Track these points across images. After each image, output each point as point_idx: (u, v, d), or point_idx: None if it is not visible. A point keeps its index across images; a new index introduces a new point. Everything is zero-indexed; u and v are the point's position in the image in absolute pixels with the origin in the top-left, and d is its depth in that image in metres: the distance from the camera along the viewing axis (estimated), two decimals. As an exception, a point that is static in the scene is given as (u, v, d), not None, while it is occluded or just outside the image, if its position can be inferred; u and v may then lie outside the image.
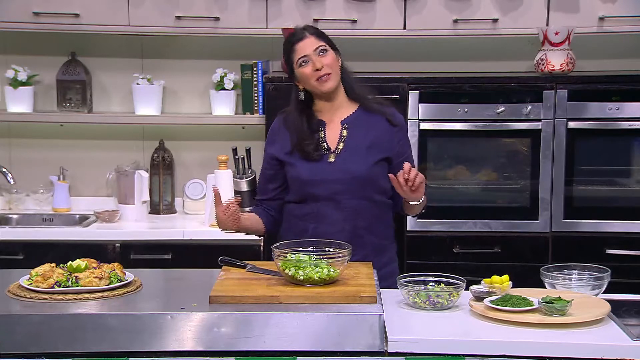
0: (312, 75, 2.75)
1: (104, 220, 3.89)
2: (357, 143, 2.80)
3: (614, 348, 2.18)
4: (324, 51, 2.76)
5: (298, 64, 2.77)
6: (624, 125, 3.69)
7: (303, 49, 2.75)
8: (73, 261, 2.47)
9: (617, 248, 3.69)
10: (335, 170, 2.77)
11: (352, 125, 2.82)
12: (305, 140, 2.78)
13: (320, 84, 2.76)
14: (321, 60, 2.75)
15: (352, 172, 2.77)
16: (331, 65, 2.76)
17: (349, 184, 2.76)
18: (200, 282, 2.53)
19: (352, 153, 2.78)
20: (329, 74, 2.75)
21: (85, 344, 2.21)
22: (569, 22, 3.80)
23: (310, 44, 2.75)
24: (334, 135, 2.81)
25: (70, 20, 3.87)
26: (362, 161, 2.78)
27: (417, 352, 2.20)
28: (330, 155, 2.79)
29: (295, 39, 2.78)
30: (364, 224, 2.79)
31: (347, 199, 2.76)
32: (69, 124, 4.17)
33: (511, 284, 2.51)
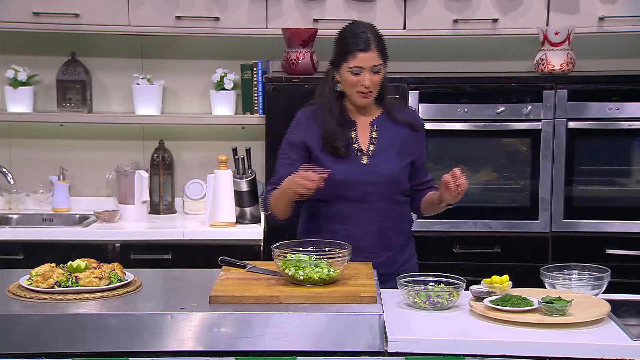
0: (356, 86, 2.75)
1: (104, 220, 3.89)
2: (387, 145, 2.81)
3: (614, 348, 2.18)
4: (377, 72, 2.75)
5: (349, 68, 2.74)
6: (624, 125, 3.69)
7: (362, 61, 2.72)
8: (73, 261, 2.48)
9: (617, 248, 3.69)
10: (368, 172, 2.78)
11: (380, 127, 2.84)
12: (335, 134, 2.77)
13: (359, 98, 2.78)
14: (372, 79, 2.74)
15: (384, 174, 2.79)
16: (377, 84, 2.77)
17: (381, 186, 2.78)
18: (200, 282, 2.53)
19: (383, 155, 2.80)
20: (371, 92, 2.77)
21: (85, 344, 2.21)
22: (569, 22, 3.81)
23: (370, 59, 2.72)
24: (364, 136, 2.83)
25: (70, 20, 3.87)
26: (394, 164, 2.80)
27: (417, 352, 2.20)
28: (363, 156, 2.80)
29: (359, 48, 2.72)
30: (390, 224, 2.82)
31: (375, 200, 2.79)
32: (69, 124, 4.17)
33: (511, 284, 2.51)
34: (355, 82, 2.75)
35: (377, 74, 2.75)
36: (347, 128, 2.81)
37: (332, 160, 2.77)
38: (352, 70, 2.74)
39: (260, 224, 3.85)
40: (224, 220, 3.78)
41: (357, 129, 2.83)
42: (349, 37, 2.76)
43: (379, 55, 2.74)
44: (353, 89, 2.77)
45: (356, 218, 2.79)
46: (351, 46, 2.73)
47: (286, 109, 3.75)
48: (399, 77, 3.74)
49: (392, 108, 2.87)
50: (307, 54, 3.83)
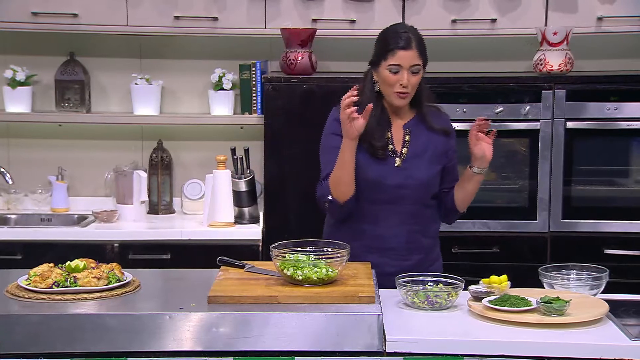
0: (394, 86, 2.74)
1: (103, 220, 3.89)
2: (419, 149, 2.81)
3: (612, 348, 2.18)
4: (416, 72, 2.74)
5: (388, 67, 2.73)
6: (623, 125, 3.69)
7: (401, 59, 2.72)
8: (71, 261, 2.47)
9: (616, 248, 3.69)
10: (402, 175, 2.78)
11: (413, 130, 2.83)
12: (375, 134, 2.77)
13: (396, 99, 2.77)
14: (410, 80, 2.73)
15: (416, 178, 2.79)
16: (415, 85, 2.77)
17: (412, 190, 2.78)
18: (199, 282, 2.53)
19: (416, 159, 2.80)
20: (408, 93, 2.76)
21: (84, 344, 2.21)
22: (567, 22, 3.81)
23: (410, 57, 2.72)
24: (398, 138, 2.82)
25: (69, 20, 3.87)
26: (426, 169, 2.81)
27: (415, 352, 2.20)
28: (397, 159, 2.80)
29: (399, 45, 2.72)
30: (418, 227, 2.82)
31: (406, 203, 2.79)
32: (68, 124, 4.17)
33: (509, 284, 2.51)
34: (393, 81, 2.74)
35: (415, 74, 2.74)
36: (385, 129, 2.81)
37: (367, 160, 2.77)
38: (391, 68, 2.73)
39: (258, 224, 3.85)
40: (222, 220, 3.78)
41: (392, 131, 2.83)
42: (390, 36, 2.76)
43: (419, 56, 2.74)
44: (391, 89, 2.75)
45: (385, 220, 2.79)
46: (391, 44, 2.73)
47: (285, 109, 3.77)
48: (397, 77, 3.74)
49: (427, 112, 2.85)
50: (305, 54, 3.83)
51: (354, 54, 4.07)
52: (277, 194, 3.77)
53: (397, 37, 2.74)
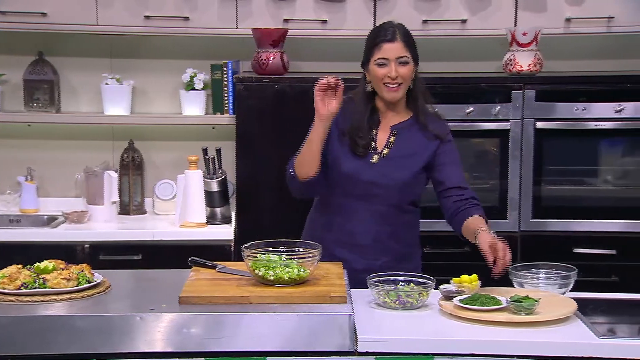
0: (383, 79, 2.76)
1: (73, 221, 3.86)
2: (401, 152, 2.81)
3: (580, 346, 2.21)
4: (405, 63, 2.75)
5: (375, 62, 2.76)
6: (591, 125, 3.73)
7: (387, 52, 2.74)
8: (40, 262, 2.45)
9: (585, 247, 3.73)
10: (375, 173, 2.79)
11: (400, 133, 2.84)
12: (360, 132, 2.78)
13: (387, 92, 2.78)
14: (398, 70, 2.74)
15: (390, 179, 2.79)
16: (405, 77, 2.77)
17: (384, 189, 2.78)
18: (171, 282, 2.52)
19: (395, 161, 2.80)
20: (400, 84, 2.76)
21: (53, 346, 2.19)
22: (536, 23, 3.84)
23: (396, 49, 2.74)
24: (383, 138, 2.83)
25: (38, 20, 3.83)
26: (402, 171, 2.80)
27: (386, 351, 2.21)
28: (374, 156, 2.80)
29: (385, 39, 2.75)
30: (389, 230, 2.82)
31: (378, 203, 2.79)
32: (37, 124, 4.13)
33: (480, 283, 2.53)
34: (382, 75, 2.75)
35: (404, 65, 2.75)
36: (372, 128, 2.82)
37: (346, 154, 2.78)
38: (378, 62, 2.75)
39: (230, 225, 3.84)
40: (194, 220, 3.77)
41: (378, 129, 2.84)
42: (377, 32, 2.81)
43: (405, 47, 2.75)
44: (380, 83, 2.77)
45: (356, 215, 2.81)
46: (377, 38, 2.77)
47: (257, 109, 3.76)
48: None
49: (422, 113, 2.84)
50: (277, 54, 3.83)
51: (325, 54, 4.09)
52: (249, 194, 3.76)
53: (383, 31, 2.78)
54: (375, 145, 2.82)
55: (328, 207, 2.86)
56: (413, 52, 2.79)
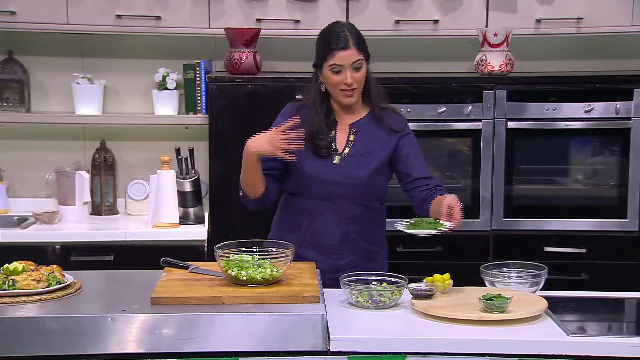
0: (339, 85, 2.76)
1: (44, 221, 3.82)
2: (362, 150, 2.82)
3: (551, 344, 2.23)
4: (359, 67, 2.76)
5: (330, 68, 2.75)
6: (561, 125, 3.77)
7: (341, 59, 2.74)
8: (10, 264, 2.42)
9: (555, 246, 3.76)
10: (338, 173, 2.79)
11: (359, 130, 2.84)
12: (320, 134, 2.78)
13: (344, 98, 2.79)
14: (354, 76, 2.75)
15: (353, 177, 2.79)
16: (360, 81, 2.78)
17: (349, 188, 2.78)
18: (143, 283, 2.50)
19: (356, 159, 2.80)
20: (355, 89, 2.77)
21: (23, 348, 2.17)
22: (507, 23, 3.87)
23: (350, 56, 2.74)
24: (342, 137, 2.83)
25: (7, 18, 3.79)
26: (365, 169, 2.81)
27: (359, 351, 2.22)
28: (336, 157, 2.80)
29: (337, 46, 2.73)
30: (356, 228, 2.82)
31: (344, 202, 2.79)
32: (7, 123, 4.08)
33: (452, 282, 2.55)
34: (337, 81, 2.76)
35: (358, 70, 2.76)
36: (330, 129, 2.82)
37: (307, 156, 2.77)
38: (332, 68, 2.75)
39: (204, 225, 3.82)
40: (167, 221, 3.75)
41: (337, 129, 2.84)
42: (329, 37, 2.78)
43: (358, 52, 2.75)
44: (336, 89, 2.78)
45: (321, 216, 2.80)
46: (330, 45, 2.75)
47: (229, 109, 3.75)
48: (342, 78, 3.76)
49: (379, 110, 2.86)
50: (250, 53, 3.82)
51: (298, 54, 4.08)
52: (222, 194, 3.75)
53: (335, 37, 2.76)
54: (336, 147, 2.82)
55: (293, 209, 2.85)
56: (365, 52, 2.79)
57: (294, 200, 2.86)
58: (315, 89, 2.84)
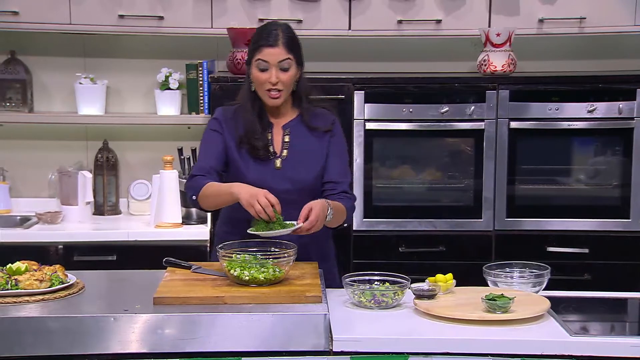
0: (264, 84, 2.71)
1: (46, 221, 3.82)
2: (300, 150, 2.77)
3: (553, 344, 2.23)
4: (286, 69, 2.69)
5: (256, 64, 2.70)
6: (564, 125, 3.76)
7: (267, 56, 2.68)
8: (13, 263, 2.43)
9: (557, 246, 3.76)
10: (283, 178, 2.73)
11: (293, 131, 2.79)
12: (255, 135, 2.73)
13: (268, 98, 2.73)
14: (279, 76, 2.69)
15: (299, 182, 2.73)
16: (286, 83, 2.72)
17: (296, 194, 2.69)
18: (145, 283, 2.51)
19: (297, 161, 2.75)
20: (280, 90, 2.71)
21: (25, 347, 2.18)
22: (510, 23, 3.87)
23: (277, 54, 2.68)
24: (277, 139, 2.79)
25: (10, 18, 3.79)
26: (308, 171, 2.76)
27: (361, 351, 2.22)
28: (277, 160, 2.76)
29: (266, 42, 2.68)
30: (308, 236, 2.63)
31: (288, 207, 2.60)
32: (9, 124, 4.09)
33: (455, 282, 2.54)
34: (263, 79, 2.70)
35: (285, 71, 2.70)
36: (265, 129, 2.77)
37: (247, 161, 2.73)
38: (258, 64, 2.69)
39: (206, 225, 3.82)
40: (169, 221, 3.75)
41: (272, 132, 2.79)
42: (259, 33, 2.73)
43: (287, 51, 2.68)
44: (262, 88, 2.72)
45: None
46: (259, 41, 2.71)
47: (232, 108, 3.74)
48: (344, 77, 3.76)
49: (306, 112, 2.80)
50: (252, 53, 3.81)
51: (301, 54, 4.08)
52: (224, 194, 3.74)
53: (266, 34, 2.71)
54: (274, 149, 2.76)
55: (239, 221, 2.66)
56: (297, 55, 2.72)
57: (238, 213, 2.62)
58: (247, 87, 2.79)
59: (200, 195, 2.67)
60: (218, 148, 2.76)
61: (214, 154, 2.75)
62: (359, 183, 3.73)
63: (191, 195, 2.70)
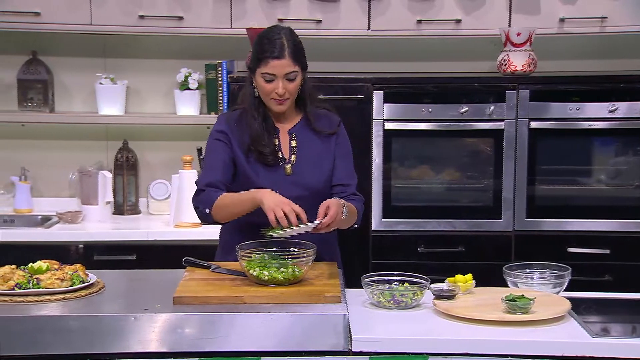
0: (270, 94, 2.68)
1: (67, 221, 3.85)
2: (308, 155, 2.75)
3: (574, 345, 2.21)
4: (293, 79, 2.67)
5: (262, 75, 2.66)
6: (584, 125, 3.74)
7: (274, 68, 2.63)
8: (34, 263, 2.45)
9: (578, 246, 3.73)
10: (294, 184, 2.70)
11: (299, 135, 2.77)
12: (262, 140, 2.70)
13: (274, 105, 2.70)
14: (286, 87, 2.66)
15: (310, 188, 2.71)
16: (293, 92, 2.69)
17: (307, 200, 2.64)
18: (165, 283, 2.52)
19: (306, 166, 2.73)
20: (287, 99, 2.69)
21: (46, 346, 2.19)
22: (530, 23, 3.85)
23: (284, 66, 2.63)
24: (285, 145, 2.76)
25: (31, 19, 3.82)
26: (318, 176, 2.74)
27: (381, 351, 2.21)
28: (286, 166, 2.73)
29: (271, 55, 2.63)
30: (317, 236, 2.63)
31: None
32: (31, 123, 4.12)
33: (474, 282, 2.53)
34: (269, 90, 2.66)
35: (291, 81, 2.67)
36: (271, 134, 2.74)
37: (257, 169, 2.69)
38: (265, 76, 2.65)
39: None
40: (189, 220, 3.76)
41: (279, 137, 2.76)
42: (264, 43, 2.66)
43: (293, 62, 2.65)
44: (267, 97, 2.69)
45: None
46: (264, 52, 2.65)
47: (251, 109, 3.75)
48: (363, 77, 3.76)
49: (311, 115, 2.77)
50: (271, 53, 3.82)
51: (319, 54, 4.06)
52: (243, 194, 3.75)
53: (271, 44, 2.65)
54: (283, 155, 2.74)
55: (246, 230, 2.65)
56: (302, 62, 2.69)
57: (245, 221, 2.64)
58: (250, 93, 2.75)
59: (215, 207, 2.63)
60: (224, 159, 2.71)
61: (220, 167, 2.70)
62: (377, 183, 3.72)
63: (204, 209, 2.65)
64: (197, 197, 2.70)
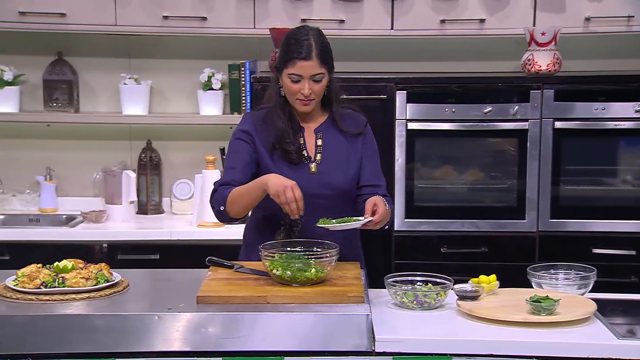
0: (296, 94, 2.68)
1: (91, 220, 3.88)
2: (334, 154, 2.74)
3: (600, 347, 2.19)
4: (319, 80, 2.66)
5: (289, 75, 2.66)
6: (610, 125, 3.70)
7: (301, 69, 2.63)
8: (60, 262, 2.46)
9: (603, 247, 3.70)
10: (319, 183, 2.69)
11: (325, 134, 2.77)
12: (287, 138, 2.70)
13: (299, 106, 2.70)
14: (312, 87, 2.65)
15: (335, 187, 2.71)
16: (319, 93, 2.69)
17: (331, 198, 2.67)
18: (188, 282, 2.53)
19: (332, 165, 2.73)
20: (312, 100, 2.69)
21: (72, 345, 2.21)
22: (555, 22, 3.82)
23: (311, 68, 2.63)
24: (310, 143, 2.76)
25: (57, 20, 3.86)
26: (344, 175, 2.73)
27: (404, 351, 2.21)
28: (311, 164, 2.73)
29: (299, 56, 2.62)
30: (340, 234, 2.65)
31: (326, 213, 2.60)
32: (56, 124, 4.16)
33: (498, 283, 2.52)
34: (295, 90, 2.66)
35: (318, 82, 2.66)
36: (296, 132, 2.73)
37: (281, 167, 2.68)
38: (291, 77, 2.65)
39: (248, 224, 3.84)
40: (211, 220, 3.77)
41: (305, 135, 2.76)
42: (292, 44, 2.65)
43: (320, 64, 2.64)
44: (293, 97, 2.69)
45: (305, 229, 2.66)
46: (292, 53, 2.64)
47: (274, 109, 3.76)
48: (386, 77, 3.75)
49: (337, 115, 2.77)
50: (294, 54, 3.82)
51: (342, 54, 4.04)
52: (266, 194, 3.76)
53: (298, 45, 2.63)
54: (309, 154, 2.73)
55: (269, 227, 2.69)
56: (329, 64, 2.68)
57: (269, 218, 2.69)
58: (276, 92, 2.74)
59: (228, 203, 2.63)
60: (246, 159, 2.71)
61: (240, 167, 2.70)
62: (400, 183, 3.72)
63: (219, 207, 2.66)
64: (213, 197, 2.72)
